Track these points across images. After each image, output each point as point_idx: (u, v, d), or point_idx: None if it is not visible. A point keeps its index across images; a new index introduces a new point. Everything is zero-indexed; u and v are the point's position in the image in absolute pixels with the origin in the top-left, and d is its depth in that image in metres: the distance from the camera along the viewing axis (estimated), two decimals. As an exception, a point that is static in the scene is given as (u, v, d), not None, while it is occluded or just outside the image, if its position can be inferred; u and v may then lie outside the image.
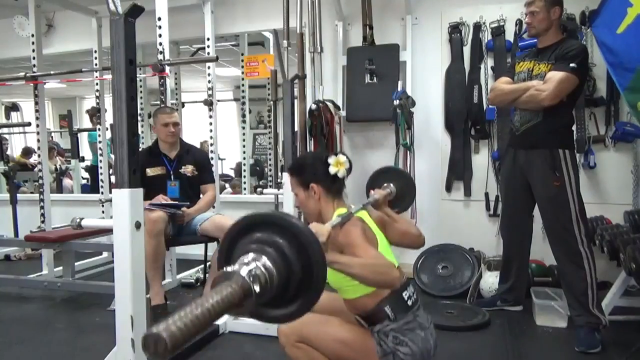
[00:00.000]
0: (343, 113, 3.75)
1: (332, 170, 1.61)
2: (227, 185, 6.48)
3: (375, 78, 3.64)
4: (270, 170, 5.65)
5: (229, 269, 0.82)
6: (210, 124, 3.83)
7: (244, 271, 0.81)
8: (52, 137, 8.37)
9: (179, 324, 0.67)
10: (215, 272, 2.94)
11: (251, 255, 0.86)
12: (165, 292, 2.88)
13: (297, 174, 1.70)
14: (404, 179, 2.12)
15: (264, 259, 0.86)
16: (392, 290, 1.53)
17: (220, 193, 5.08)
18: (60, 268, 3.66)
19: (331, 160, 1.61)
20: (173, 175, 3.06)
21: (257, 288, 0.81)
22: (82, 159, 6.70)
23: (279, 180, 3.68)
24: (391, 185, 2.02)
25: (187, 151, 3.15)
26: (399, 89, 3.47)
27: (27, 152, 7.16)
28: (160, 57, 3.27)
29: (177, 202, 2.93)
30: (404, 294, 1.56)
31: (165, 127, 3.01)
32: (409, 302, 1.56)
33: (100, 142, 4.51)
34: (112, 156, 1.32)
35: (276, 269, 0.86)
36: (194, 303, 0.71)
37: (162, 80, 3.34)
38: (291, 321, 1.00)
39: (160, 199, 2.90)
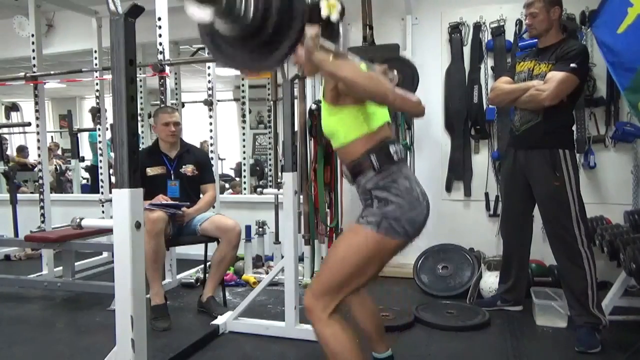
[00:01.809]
0: (343, 113, 3.74)
1: (324, 12, 1.54)
2: (227, 185, 6.49)
3: (375, 78, 3.64)
4: (270, 170, 5.65)
5: None
6: (210, 124, 3.83)
7: None
8: (52, 137, 8.38)
9: None
10: (215, 272, 2.95)
11: None
12: (165, 292, 2.88)
13: None
14: (409, 68, 2.05)
15: None
16: (380, 141, 1.56)
17: (222, 193, 5.09)
18: (60, 268, 3.65)
19: (323, 3, 1.55)
20: (173, 175, 3.06)
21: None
22: (82, 159, 6.70)
23: (279, 180, 3.68)
24: (395, 71, 2.00)
25: (187, 151, 3.16)
26: (399, 88, 3.47)
27: (22, 149, 7.17)
28: (160, 57, 3.27)
29: (177, 202, 2.94)
30: (390, 148, 1.57)
31: (166, 126, 3.01)
32: (395, 157, 1.57)
33: (100, 142, 4.51)
34: (112, 155, 1.32)
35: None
36: None
37: (162, 80, 3.34)
38: (251, 68, 0.94)
39: (161, 198, 2.90)
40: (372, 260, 1.53)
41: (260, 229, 3.93)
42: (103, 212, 4.46)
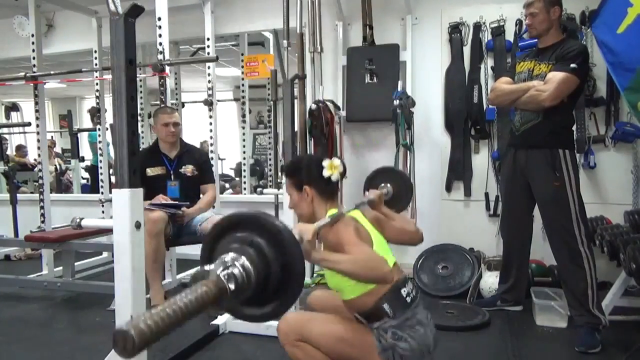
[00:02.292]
0: (343, 113, 3.75)
1: (325, 173, 1.62)
2: (227, 185, 6.49)
3: (375, 78, 3.65)
4: (270, 170, 5.65)
5: (207, 267, 0.83)
6: (210, 124, 3.83)
7: (220, 270, 0.83)
8: (52, 137, 8.37)
9: (149, 322, 0.68)
10: None
11: (231, 255, 0.89)
12: (165, 292, 2.88)
13: (292, 176, 1.72)
14: (401, 180, 2.13)
15: (243, 259, 0.88)
16: (390, 288, 1.54)
17: (222, 193, 5.09)
18: (60, 268, 3.65)
19: (325, 163, 1.63)
20: (173, 175, 3.06)
21: (232, 287, 0.83)
22: (82, 159, 6.70)
23: (279, 180, 3.67)
24: (388, 185, 2.03)
25: (187, 151, 3.15)
26: (399, 89, 3.47)
27: (19, 148, 7.18)
28: (160, 57, 3.27)
29: (177, 202, 2.93)
30: (402, 291, 1.56)
31: (165, 127, 3.01)
32: (408, 299, 1.56)
33: (100, 142, 4.51)
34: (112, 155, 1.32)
35: (254, 268, 0.88)
36: (167, 302, 0.72)
37: (162, 80, 3.34)
38: (267, 320, 1.02)
39: (160, 198, 2.90)
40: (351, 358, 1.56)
41: (260, 229, 3.92)
42: (103, 212, 4.46)
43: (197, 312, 0.77)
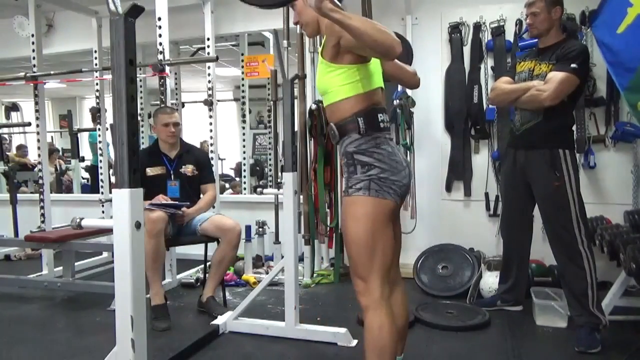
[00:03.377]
0: (343, 113, 3.74)
1: None
2: (227, 185, 6.48)
3: (375, 78, 3.64)
4: (270, 170, 5.65)
5: None
6: (210, 124, 3.83)
7: None
8: (52, 137, 8.37)
9: None
10: (215, 272, 2.95)
11: None
12: (165, 292, 2.88)
13: None
14: (405, 49, 2.10)
15: None
16: (370, 106, 1.58)
17: (221, 193, 5.09)
18: (60, 268, 3.65)
19: None
20: (173, 175, 3.06)
21: None
22: (82, 159, 6.70)
23: (279, 180, 3.68)
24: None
25: (187, 151, 3.15)
26: (399, 89, 3.47)
27: (20, 147, 7.18)
28: (160, 57, 3.27)
29: (177, 202, 2.93)
30: (379, 115, 1.60)
31: (165, 127, 3.01)
32: (381, 125, 1.61)
33: (100, 142, 4.51)
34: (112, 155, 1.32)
35: None
36: None
37: (162, 80, 3.34)
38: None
39: (161, 198, 2.90)
40: (378, 223, 1.56)
41: (260, 229, 3.93)
42: (103, 212, 4.46)
43: None
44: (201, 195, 3.16)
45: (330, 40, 1.55)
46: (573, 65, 2.33)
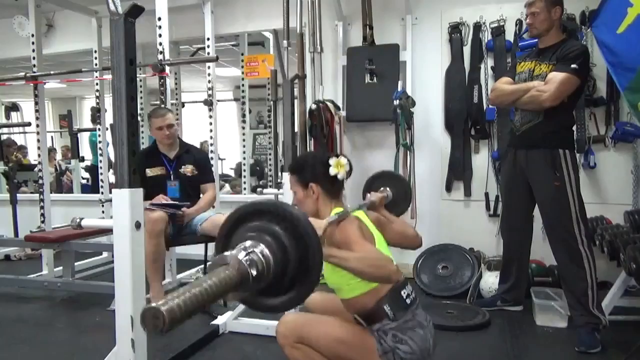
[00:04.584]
0: (343, 113, 3.75)
1: (332, 171, 1.61)
2: (226, 185, 6.47)
3: (375, 78, 3.64)
4: (270, 170, 5.65)
5: (227, 253, 0.83)
6: (210, 124, 3.83)
7: (241, 256, 0.82)
8: (52, 138, 8.37)
9: (177, 301, 0.68)
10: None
11: (249, 242, 0.88)
12: (165, 292, 2.88)
13: (297, 173, 1.71)
14: (400, 184, 2.13)
15: (262, 246, 0.87)
16: (391, 289, 1.53)
17: (220, 190, 5.08)
18: (60, 268, 3.65)
19: (332, 161, 1.62)
20: (173, 176, 3.06)
21: (254, 272, 0.82)
22: (82, 159, 6.70)
23: (279, 180, 3.68)
24: (387, 189, 2.03)
25: (186, 151, 3.15)
26: (399, 89, 3.47)
27: (20, 148, 7.17)
28: (160, 57, 3.27)
29: (177, 202, 2.93)
30: (402, 293, 1.56)
31: (159, 130, 3.00)
32: (408, 301, 1.56)
33: (100, 142, 4.51)
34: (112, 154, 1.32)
35: (273, 256, 0.87)
36: (191, 284, 0.73)
37: (162, 80, 3.34)
38: (285, 310, 1.01)
39: (161, 198, 2.90)
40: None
41: (260, 229, 3.92)
42: (103, 212, 4.46)
43: (219, 297, 0.76)
44: (201, 195, 3.15)
45: (330, 245, 1.52)
46: (573, 66, 2.33)
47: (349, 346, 1.54)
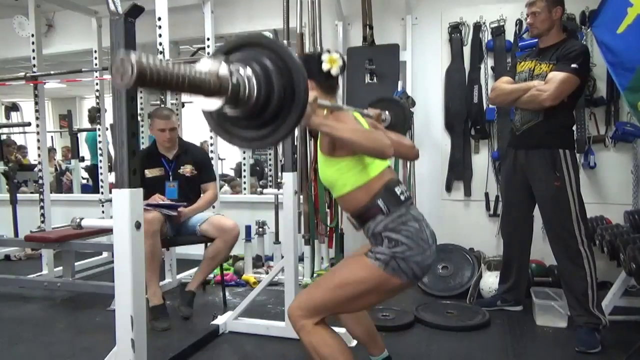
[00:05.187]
0: (343, 113, 3.74)
1: (325, 66, 1.59)
2: (226, 185, 6.46)
3: (375, 78, 3.64)
4: (270, 170, 5.64)
5: (212, 61, 0.83)
6: (211, 124, 3.82)
7: (224, 68, 0.83)
8: (52, 138, 8.36)
9: (152, 62, 0.67)
10: (206, 267, 2.94)
11: (235, 65, 0.88)
12: (163, 293, 2.88)
13: None
14: (400, 110, 2.12)
15: (248, 69, 0.88)
16: (384, 185, 1.56)
17: (219, 190, 5.08)
18: (60, 268, 3.65)
19: (324, 57, 1.60)
20: (172, 176, 3.05)
21: (234, 81, 0.82)
22: (82, 159, 6.70)
23: (279, 180, 3.67)
24: (386, 112, 2.03)
25: (185, 151, 3.14)
26: (399, 89, 3.48)
27: (20, 148, 7.18)
28: (160, 57, 3.27)
29: (173, 203, 2.92)
30: (396, 189, 1.58)
31: (161, 132, 3.00)
32: (402, 197, 1.58)
33: (100, 142, 4.52)
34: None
35: (257, 80, 0.87)
36: (175, 64, 0.72)
37: (162, 80, 3.34)
38: (263, 144, 0.99)
39: (157, 198, 2.89)
40: (371, 295, 1.54)
41: (260, 229, 3.93)
42: (103, 212, 4.46)
43: (193, 89, 0.75)
44: (202, 195, 3.15)
45: (325, 136, 1.54)
46: (573, 66, 2.33)
47: (356, 282, 1.52)
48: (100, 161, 4.59)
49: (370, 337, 1.82)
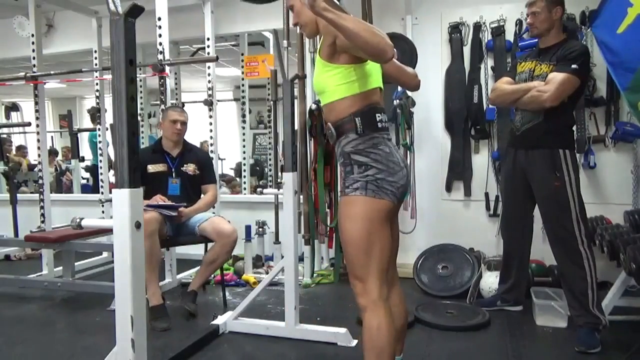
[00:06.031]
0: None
1: None
2: (224, 185, 6.46)
3: (375, 78, 3.64)
4: (270, 170, 5.65)
5: None
6: (210, 124, 3.83)
7: None
8: (52, 138, 8.36)
9: None
10: (205, 271, 2.94)
11: None
12: (163, 293, 2.88)
13: None
14: (407, 46, 2.08)
15: None
16: (368, 105, 1.57)
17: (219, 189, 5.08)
18: (60, 268, 3.66)
19: None
20: (174, 173, 3.07)
21: None
22: (82, 159, 6.70)
23: (279, 180, 3.67)
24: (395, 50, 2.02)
25: (189, 150, 3.16)
26: (399, 89, 3.47)
27: (20, 148, 7.18)
28: (160, 57, 3.27)
29: (173, 203, 2.92)
30: (377, 115, 1.59)
31: (173, 123, 3.03)
32: (379, 125, 1.59)
33: (100, 141, 4.52)
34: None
35: None
36: None
37: (162, 80, 3.34)
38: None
39: (158, 199, 2.90)
40: (375, 223, 1.54)
41: (260, 229, 3.93)
42: (103, 212, 4.46)
43: None
44: (202, 196, 3.16)
45: (327, 39, 1.56)
46: (574, 66, 2.33)
47: (355, 222, 1.54)
48: (101, 161, 4.59)
49: (401, 335, 1.81)
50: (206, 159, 3.31)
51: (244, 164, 5.20)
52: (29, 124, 4.14)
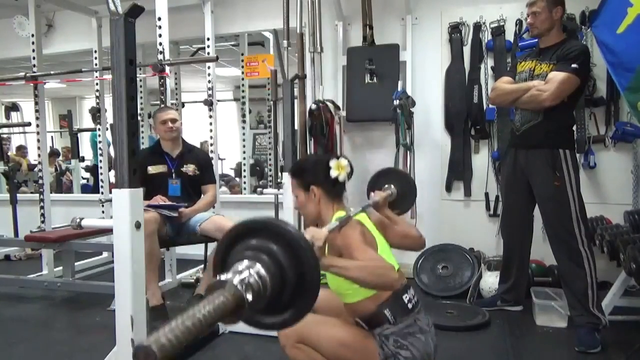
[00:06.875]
0: (343, 113, 3.75)
1: (333, 173, 1.60)
2: (224, 185, 6.46)
3: (375, 78, 3.64)
4: (270, 170, 5.65)
5: (222, 277, 0.82)
6: (210, 124, 3.83)
7: (236, 280, 0.81)
8: (52, 138, 8.37)
9: (170, 335, 0.67)
10: (211, 272, 2.93)
11: (245, 262, 0.86)
12: (163, 293, 2.88)
13: (298, 176, 1.70)
14: (405, 181, 2.13)
15: (258, 266, 0.86)
16: (392, 293, 1.53)
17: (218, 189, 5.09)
18: (60, 268, 3.66)
19: (332, 163, 1.61)
20: (175, 174, 3.06)
21: (249, 297, 0.80)
22: (82, 159, 6.70)
23: (279, 180, 3.68)
24: (392, 186, 2.03)
25: (189, 151, 3.16)
26: (399, 89, 3.47)
27: (20, 148, 7.19)
28: (160, 57, 3.27)
29: (174, 204, 2.92)
30: (404, 297, 1.55)
31: (163, 124, 3.02)
32: (409, 305, 1.55)
33: (100, 141, 4.52)
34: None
35: (270, 276, 0.86)
36: (185, 313, 0.72)
37: (162, 80, 3.34)
38: (285, 328, 1.00)
39: (159, 199, 2.90)
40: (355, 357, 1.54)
41: (261, 229, 3.92)
42: (103, 212, 4.46)
43: (215, 323, 0.76)
44: (202, 196, 3.15)
45: (332, 251, 1.52)
46: (574, 66, 2.33)
47: (351, 349, 1.54)
48: (101, 161, 4.60)
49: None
50: (206, 159, 3.30)
51: (244, 164, 5.20)
52: (29, 124, 4.15)
